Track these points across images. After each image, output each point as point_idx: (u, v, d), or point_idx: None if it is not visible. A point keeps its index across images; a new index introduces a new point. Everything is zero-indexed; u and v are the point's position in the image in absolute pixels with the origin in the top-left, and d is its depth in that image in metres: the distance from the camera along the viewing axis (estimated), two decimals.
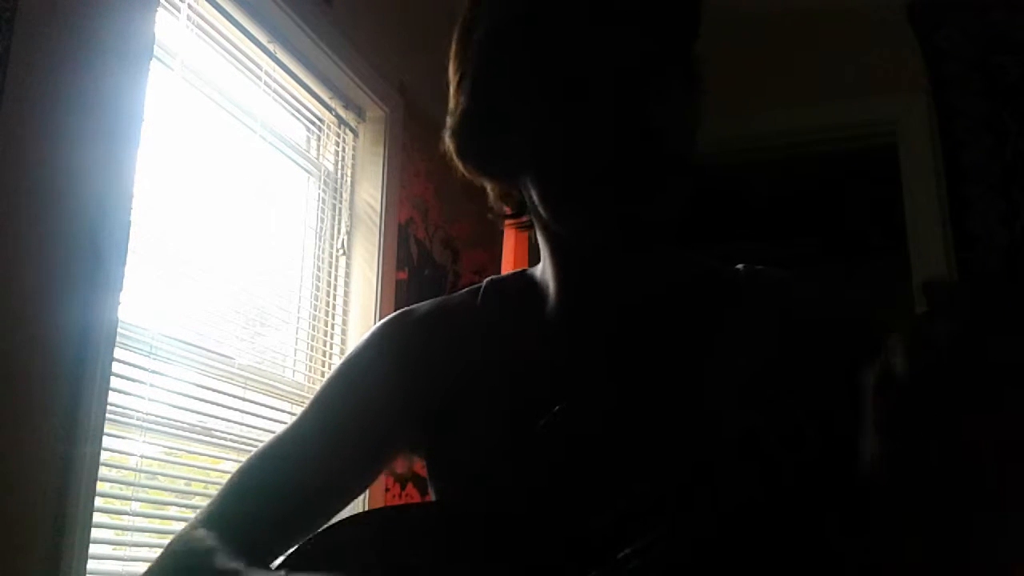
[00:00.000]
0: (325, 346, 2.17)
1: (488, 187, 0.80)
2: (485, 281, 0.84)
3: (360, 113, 2.33)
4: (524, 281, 0.82)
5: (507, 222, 0.81)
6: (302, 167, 2.18)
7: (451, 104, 0.76)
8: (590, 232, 0.71)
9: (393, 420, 0.80)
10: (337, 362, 2.15)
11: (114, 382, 1.40)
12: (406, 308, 0.85)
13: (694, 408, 0.69)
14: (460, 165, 0.77)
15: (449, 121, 0.76)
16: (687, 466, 0.57)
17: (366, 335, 0.84)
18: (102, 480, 1.37)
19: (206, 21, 1.81)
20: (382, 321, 0.85)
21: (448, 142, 0.76)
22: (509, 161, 0.74)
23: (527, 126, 0.71)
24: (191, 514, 1.70)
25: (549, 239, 0.77)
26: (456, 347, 0.79)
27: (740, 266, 0.78)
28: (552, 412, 0.64)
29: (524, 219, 0.79)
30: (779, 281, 0.76)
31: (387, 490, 2.16)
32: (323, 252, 2.20)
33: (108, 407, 1.37)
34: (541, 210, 0.73)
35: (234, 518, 0.75)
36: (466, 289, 0.85)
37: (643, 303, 0.75)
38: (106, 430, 1.36)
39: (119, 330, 1.40)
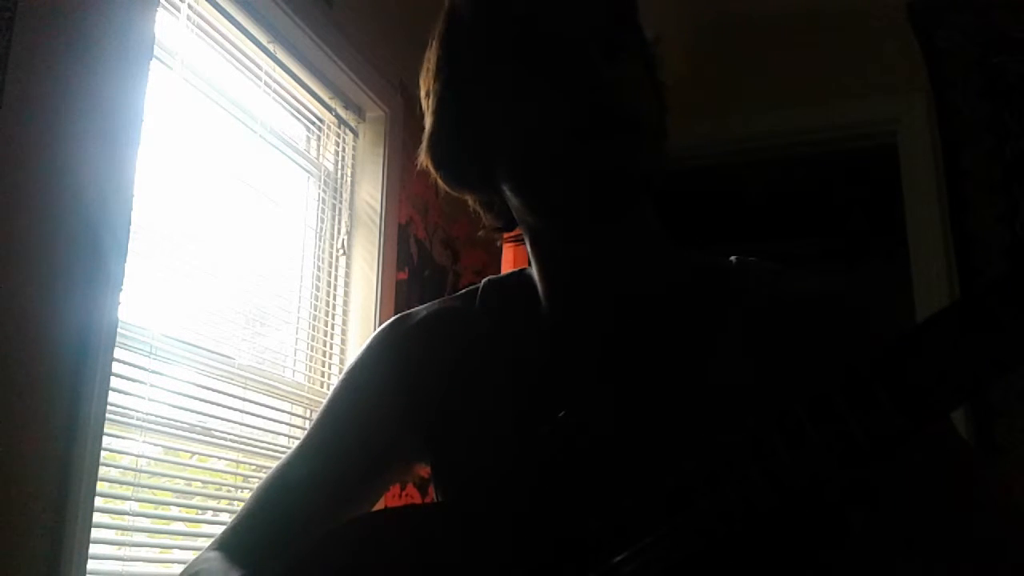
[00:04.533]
0: (325, 346, 2.17)
1: (472, 202, 0.81)
2: (483, 281, 0.84)
3: (360, 113, 2.32)
4: (522, 280, 0.81)
5: (504, 236, 0.81)
6: (302, 167, 2.18)
7: (426, 126, 0.78)
8: (558, 202, 0.71)
9: (396, 427, 0.80)
10: (337, 362, 2.17)
11: (114, 382, 1.40)
12: (405, 312, 0.85)
13: (692, 408, 0.69)
14: (439, 178, 0.78)
15: (423, 140, 0.78)
16: (686, 468, 0.57)
17: (366, 342, 0.85)
18: (102, 480, 1.37)
19: (206, 21, 1.81)
20: (381, 326, 0.85)
21: (424, 158, 0.78)
22: (482, 161, 0.75)
23: (490, 115, 0.72)
24: (191, 514, 1.72)
25: (533, 241, 0.77)
26: (455, 350, 0.79)
27: (733, 258, 0.78)
28: (556, 418, 0.64)
29: (517, 231, 0.79)
30: (770, 271, 0.76)
31: None
32: (323, 252, 2.20)
33: (108, 407, 1.37)
34: (516, 201, 0.74)
35: (244, 545, 0.76)
36: (465, 290, 0.85)
37: (635, 301, 0.75)
38: (106, 430, 1.36)
39: (119, 330, 1.40)
